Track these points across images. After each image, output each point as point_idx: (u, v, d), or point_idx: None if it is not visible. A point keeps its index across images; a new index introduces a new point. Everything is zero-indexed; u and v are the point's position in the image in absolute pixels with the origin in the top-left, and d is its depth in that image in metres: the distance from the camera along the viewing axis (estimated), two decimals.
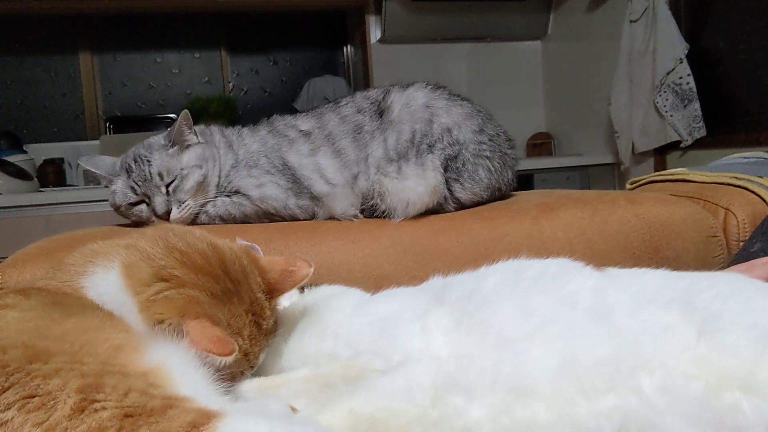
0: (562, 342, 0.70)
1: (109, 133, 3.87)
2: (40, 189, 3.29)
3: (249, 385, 0.80)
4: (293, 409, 0.75)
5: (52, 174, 3.49)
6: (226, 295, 0.77)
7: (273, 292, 0.85)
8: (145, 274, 0.74)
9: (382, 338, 0.82)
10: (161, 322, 0.70)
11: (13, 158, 3.27)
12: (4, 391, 0.52)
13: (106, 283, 0.74)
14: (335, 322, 0.87)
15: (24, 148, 3.51)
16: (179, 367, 0.62)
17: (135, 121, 3.93)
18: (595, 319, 0.71)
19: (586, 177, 3.55)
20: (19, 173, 3.17)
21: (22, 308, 0.66)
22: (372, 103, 1.36)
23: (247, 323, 0.78)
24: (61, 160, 3.62)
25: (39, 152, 3.57)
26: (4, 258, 1.14)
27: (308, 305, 0.94)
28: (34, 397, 0.51)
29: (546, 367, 0.68)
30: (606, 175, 3.55)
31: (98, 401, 0.52)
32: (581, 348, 0.68)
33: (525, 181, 3.33)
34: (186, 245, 0.80)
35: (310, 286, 1.02)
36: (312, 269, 0.86)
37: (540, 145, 4.10)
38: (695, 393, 0.62)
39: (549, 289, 0.78)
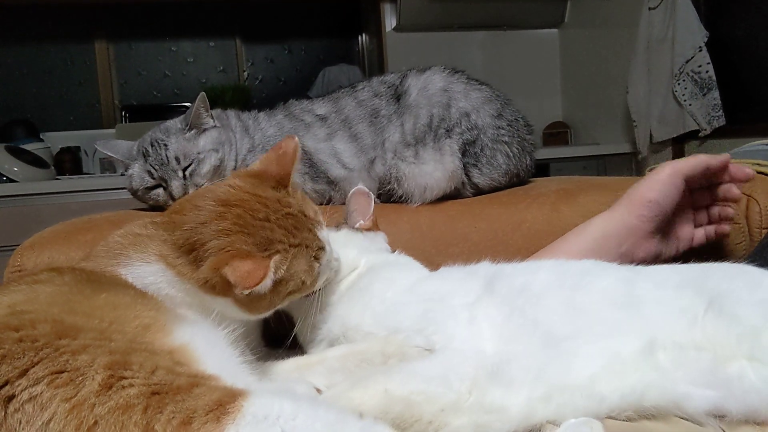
0: (607, 341, 0.73)
1: (125, 122, 3.88)
2: (57, 177, 3.30)
3: (286, 365, 0.80)
4: (318, 391, 0.74)
5: (69, 162, 3.50)
6: (238, 221, 0.79)
7: (282, 179, 0.88)
8: (179, 259, 0.78)
9: (426, 320, 0.82)
10: (214, 286, 0.75)
11: (30, 146, 3.29)
12: (33, 366, 0.52)
13: (152, 273, 0.78)
14: (383, 297, 0.88)
15: (41, 137, 3.53)
16: (205, 346, 0.62)
17: (150, 110, 3.93)
18: (630, 314, 0.75)
19: (603, 166, 3.51)
20: (36, 161, 3.20)
21: (55, 283, 0.67)
22: (389, 87, 1.35)
23: (276, 225, 0.81)
24: (78, 148, 3.63)
25: (55, 140, 3.59)
26: None
27: (368, 271, 0.95)
28: (62, 372, 0.52)
29: (592, 366, 0.71)
30: (623, 165, 3.52)
31: (126, 378, 0.52)
32: (621, 345, 0.72)
33: (541, 171, 3.29)
34: (183, 210, 0.83)
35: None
36: (296, 138, 0.92)
37: (556, 134, 4.06)
38: (705, 364, 0.67)
39: (591, 286, 0.81)
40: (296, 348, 0.93)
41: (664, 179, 1.01)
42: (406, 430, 0.69)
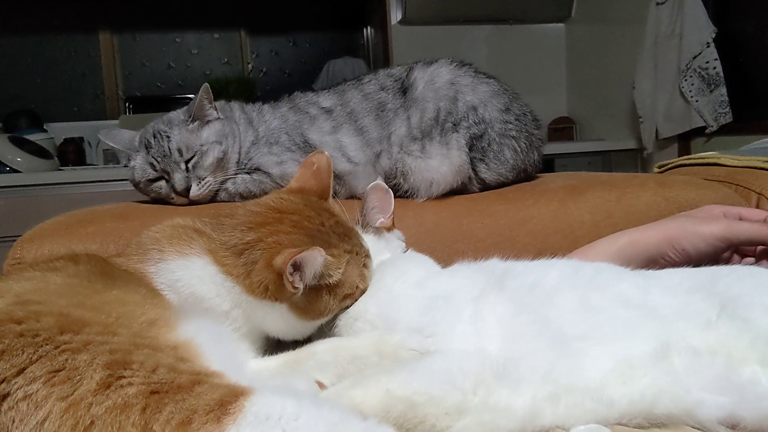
0: (617, 343, 0.72)
1: (129, 113, 3.87)
2: (60, 168, 3.31)
3: (275, 361, 0.79)
4: (320, 385, 0.73)
5: (72, 153, 3.52)
6: (296, 225, 0.81)
7: (322, 193, 0.92)
8: (229, 259, 0.78)
9: (427, 318, 0.80)
10: (267, 287, 0.75)
11: (34, 137, 3.29)
12: (32, 364, 0.51)
13: (190, 269, 0.77)
14: (389, 288, 0.87)
15: (44, 127, 3.53)
16: (210, 342, 0.61)
17: (154, 101, 3.92)
18: (643, 316, 0.74)
19: (608, 162, 3.49)
20: (39, 152, 3.19)
21: (68, 273, 0.67)
22: (395, 80, 1.33)
23: (331, 231, 0.84)
24: (81, 139, 3.64)
25: (59, 131, 3.59)
26: None
27: (380, 264, 0.94)
28: (60, 370, 0.51)
29: (603, 368, 0.70)
30: (629, 161, 3.49)
31: (125, 377, 0.51)
32: (632, 347, 0.71)
33: (545, 166, 3.27)
34: (235, 214, 0.84)
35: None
36: (325, 152, 0.96)
37: (561, 129, 4.04)
38: (718, 369, 0.66)
39: (604, 288, 0.80)
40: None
41: (708, 238, 0.93)
42: (410, 430, 0.67)
